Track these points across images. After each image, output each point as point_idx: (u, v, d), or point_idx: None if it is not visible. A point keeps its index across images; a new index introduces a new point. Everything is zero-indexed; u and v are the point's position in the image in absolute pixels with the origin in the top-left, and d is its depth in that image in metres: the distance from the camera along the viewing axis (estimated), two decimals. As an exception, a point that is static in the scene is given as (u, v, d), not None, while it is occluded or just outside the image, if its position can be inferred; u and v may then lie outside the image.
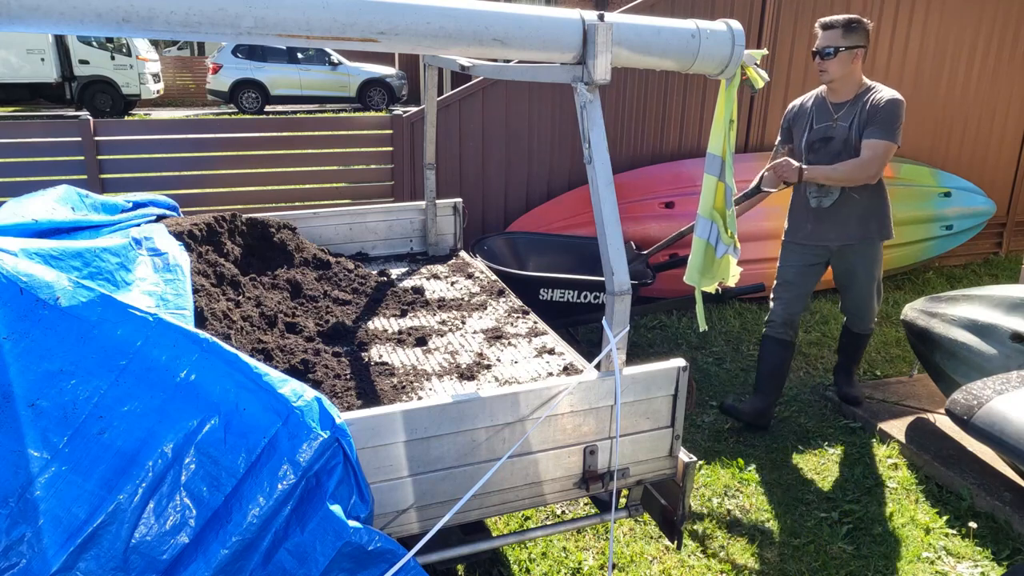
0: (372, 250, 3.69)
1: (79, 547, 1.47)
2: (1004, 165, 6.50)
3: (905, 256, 5.79)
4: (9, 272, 1.58)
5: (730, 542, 2.94)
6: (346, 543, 1.61)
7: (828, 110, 3.46)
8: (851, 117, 3.36)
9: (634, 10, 4.79)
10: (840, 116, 3.40)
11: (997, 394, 2.71)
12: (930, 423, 3.70)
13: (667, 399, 2.11)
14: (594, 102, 1.92)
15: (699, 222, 2.40)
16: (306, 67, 18.77)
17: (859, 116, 3.34)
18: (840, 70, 3.34)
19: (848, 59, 3.32)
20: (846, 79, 3.37)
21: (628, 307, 1.96)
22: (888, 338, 4.89)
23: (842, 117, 3.39)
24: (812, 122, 3.50)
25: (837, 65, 3.33)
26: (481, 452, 1.92)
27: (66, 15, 1.48)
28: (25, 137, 4.53)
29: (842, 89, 3.40)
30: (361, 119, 5.26)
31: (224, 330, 2.24)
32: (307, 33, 1.66)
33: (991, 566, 2.80)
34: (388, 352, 2.58)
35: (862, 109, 3.34)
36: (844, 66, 3.33)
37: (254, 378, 1.64)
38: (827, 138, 3.43)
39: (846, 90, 3.40)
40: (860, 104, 3.36)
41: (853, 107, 3.37)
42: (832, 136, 3.42)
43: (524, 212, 5.29)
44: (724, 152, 2.29)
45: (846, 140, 3.37)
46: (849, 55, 3.31)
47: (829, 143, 3.43)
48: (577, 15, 1.91)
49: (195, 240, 2.64)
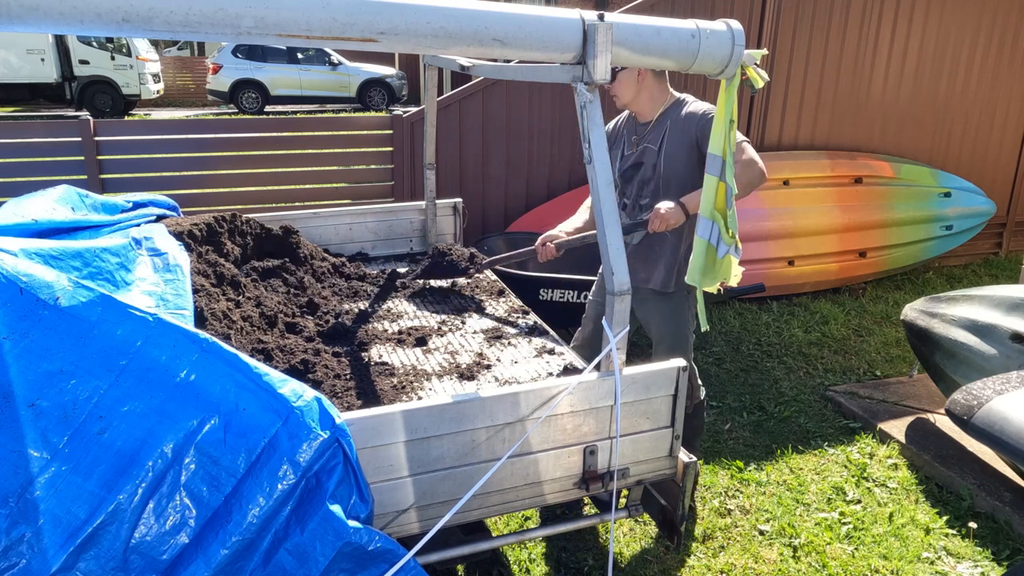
0: (372, 250, 3.69)
1: (79, 547, 1.47)
2: (1004, 165, 6.51)
3: (905, 256, 5.79)
4: (9, 272, 1.58)
5: (730, 542, 2.94)
6: (346, 543, 1.61)
7: (635, 132, 2.96)
8: (659, 137, 2.85)
9: (634, 10, 4.79)
10: (647, 138, 2.89)
11: (997, 394, 2.71)
12: (930, 423, 3.70)
13: (667, 399, 2.11)
14: (594, 102, 1.92)
15: (700, 222, 2.40)
16: (306, 67, 18.77)
17: (668, 135, 2.83)
18: (628, 93, 2.84)
19: (632, 79, 2.81)
20: (642, 100, 2.86)
21: (628, 307, 1.96)
22: (888, 338, 4.89)
23: (649, 139, 2.88)
24: (624, 147, 2.99)
25: (621, 87, 2.84)
26: (481, 452, 1.92)
27: (66, 15, 1.48)
28: (25, 137, 4.53)
29: (642, 110, 2.90)
30: (361, 119, 5.26)
31: (224, 330, 2.24)
32: (307, 33, 1.66)
33: (991, 566, 2.80)
34: (388, 352, 2.58)
35: (672, 127, 2.83)
36: (630, 87, 2.83)
37: (254, 378, 1.64)
38: (637, 164, 2.92)
39: (647, 110, 2.89)
40: (667, 122, 2.84)
41: (660, 126, 2.86)
42: (642, 162, 2.91)
43: (524, 212, 5.29)
44: (724, 152, 2.29)
45: (655, 165, 2.86)
46: (631, 75, 2.80)
47: (639, 170, 2.92)
48: (577, 15, 1.91)
49: (195, 240, 2.64)
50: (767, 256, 5.23)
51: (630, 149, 2.95)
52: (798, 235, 5.31)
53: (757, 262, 5.13)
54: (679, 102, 2.88)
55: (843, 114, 5.85)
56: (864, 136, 5.96)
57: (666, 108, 2.87)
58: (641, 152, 2.89)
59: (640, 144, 2.90)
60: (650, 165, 2.87)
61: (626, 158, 2.95)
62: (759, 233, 5.15)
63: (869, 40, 5.72)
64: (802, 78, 5.64)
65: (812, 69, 5.64)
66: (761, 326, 5.02)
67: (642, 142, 2.90)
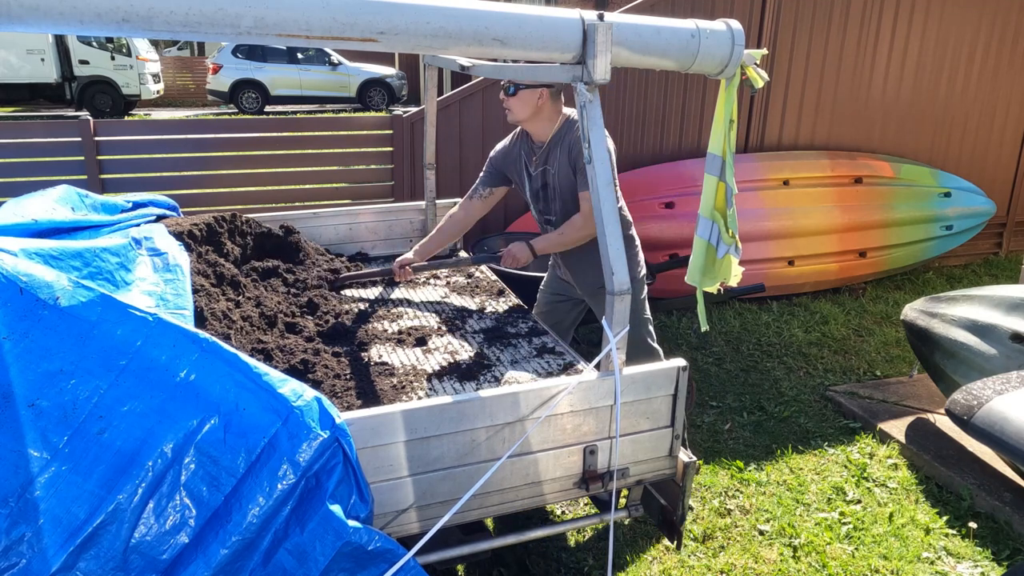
0: (372, 250, 3.69)
1: (79, 547, 1.48)
2: (1004, 165, 6.51)
3: (905, 256, 5.79)
4: (9, 272, 1.58)
5: (730, 542, 2.94)
6: (346, 543, 1.62)
7: (534, 153, 2.95)
8: (554, 160, 2.85)
9: (634, 10, 4.79)
10: (545, 159, 2.89)
11: (997, 394, 2.71)
12: (930, 423, 3.70)
13: (667, 399, 2.11)
14: (594, 102, 1.93)
15: (700, 222, 2.40)
16: (306, 67, 18.77)
17: (559, 159, 2.82)
18: (523, 111, 2.80)
19: (532, 99, 2.76)
20: (537, 120, 2.83)
21: (628, 307, 1.96)
22: (888, 338, 4.89)
23: (547, 161, 2.89)
24: (527, 168, 2.98)
25: (518, 104, 2.79)
26: (481, 452, 1.92)
27: (66, 15, 1.48)
28: (25, 137, 4.53)
29: (537, 131, 2.88)
30: (361, 119, 5.26)
31: (224, 330, 2.25)
32: (307, 33, 1.66)
33: (991, 566, 2.80)
34: (388, 352, 2.58)
35: (562, 151, 2.82)
36: (528, 106, 2.78)
37: (254, 378, 1.64)
38: (544, 184, 2.93)
39: (541, 131, 2.86)
40: (559, 146, 2.83)
41: (554, 149, 2.85)
42: (546, 182, 2.92)
43: (524, 212, 5.28)
44: (724, 152, 2.29)
45: (553, 187, 2.89)
46: (532, 94, 2.75)
47: (545, 189, 2.94)
48: (577, 15, 1.91)
49: (195, 240, 2.64)
50: (767, 256, 5.23)
51: (535, 169, 2.95)
52: (798, 235, 5.31)
53: (757, 262, 5.13)
54: (570, 122, 2.84)
55: (843, 114, 5.85)
56: (864, 136, 5.96)
57: (558, 129, 2.85)
58: (542, 173, 2.93)
59: (540, 166, 2.92)
60: (552, 186, 2.92)
61: (533, 179, 2.97)
62: (759, 233, 5.15)
63: (869, 40, 5.72)
64: (802, 78, 5.64)
65: (812, 69, 5.64)
66: (761, 326, 5.02)
67: (541, 163, 2.92)
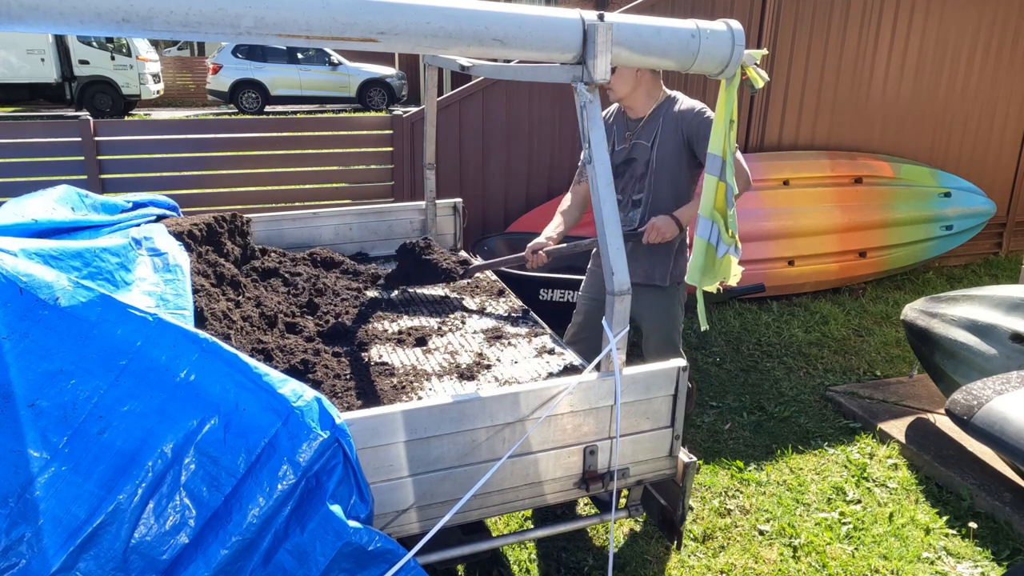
0: (372, 250, 3.68)
1: (79, 547, 1.47)
2: (1004, 165, 6.51)
3: (905, 256, 5.79)
4: (9, 272, 1.57)
5: (730, 542, 2.94)
6: (346, 543, 1.61)
7: (626, 128, 2.98)
8: (652, 134, 2.88)
9: (634, 10, 4.79)
10: (639, 134, 2.92)
11: (997, 394, 2.71)
12: (930, 423, 3.70)
13: (667, 399, 2.11)
14: (594, 102, 1.92)
15: (700, 222, 2.40)
16: (306, 67, 18.76)
17: (661, 132, 2.86)
18: (624, 88, 2.85)
19: (630, 74, 2.82)
20: (638, 96, 2.88)
21: (628, 307, 1.96)
22: (888, 338, 4.89)
23: (642, 135, 2.91)
24: (614, 143, 3.00)
25: (619, 82, 2.84)
26: (481, 452, 1.92)
27: (66, 15, 1.48)
28: (25, 137, 4.53)
29: (636, 105, 2.92)
30: (361, 119, 5.27)
31: (224, 330, 2.24)
32: (307, 33, 1.66)
33: (991, 566, 2.80)
34: (388, 352, 2.58)
35: (664, 124, 2.86)
36: (627, 82, 2.84)
37: (254, 378, 1.64)
38: (629, 160, 2.95)
39: (641, 106, 2.91)
40: (660, 119, 2.88)
41: (652, 123, 2.89)
42: (634, 157, 2.94)
43: (524, 212, 5.29)
44: (724, 152, 2.29)
45: (648, 161, 2.90)
46: (630, 70, 2.81)
47: (632, 165, 2.95)
48: (577, 15, 1.91)
49: (195, 240, 2.64)
50: (767, 256, 5.23)
51: (621, 144, 2.96)
52: (798, 235, 5.31)
53: (757, 262, 5.13)
54: (671, 99, 2.91)
55: (843, 114, 5.85)
56: (864, 136, 5.96)
57: (659, 105, 2.90)
58: (632, 148, 2.92)
59: (632, 140, 2.92)
60: (643, 161, 2.91)
61: (618, 153, 2.97)
62: (759, 233, 5.15)
63: (869, 40, 5.72)
64: (802, 78, 5.64)
65: (812, 69, 5.64)
66: (761, 326, 5.02)
67: (634, 138, 2.92)
